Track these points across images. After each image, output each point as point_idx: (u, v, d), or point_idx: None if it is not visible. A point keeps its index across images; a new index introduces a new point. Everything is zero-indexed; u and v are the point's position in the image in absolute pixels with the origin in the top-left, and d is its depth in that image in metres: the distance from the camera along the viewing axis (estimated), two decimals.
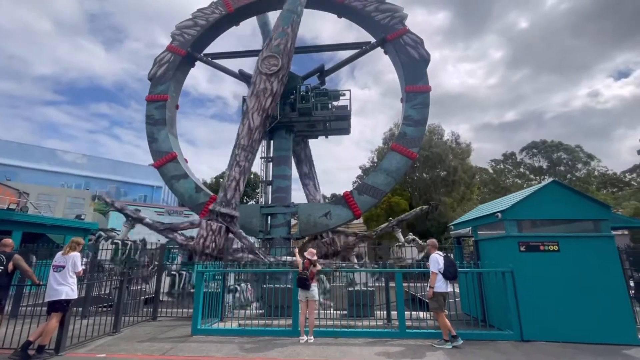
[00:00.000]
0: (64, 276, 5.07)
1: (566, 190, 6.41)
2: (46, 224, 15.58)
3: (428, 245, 6.49)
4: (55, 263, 5.18)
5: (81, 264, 5.35)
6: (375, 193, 11.82)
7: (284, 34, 12.14)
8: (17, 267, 5.13)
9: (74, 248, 5.31)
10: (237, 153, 11.18)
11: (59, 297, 4.98)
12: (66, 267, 5.12)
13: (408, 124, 12.18)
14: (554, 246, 6.05)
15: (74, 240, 5.41)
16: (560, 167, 42.18)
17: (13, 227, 13.64)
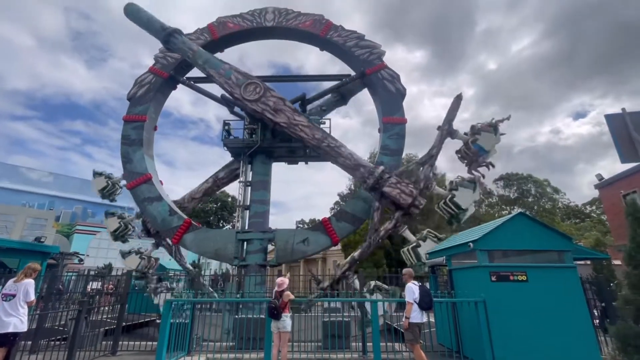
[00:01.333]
0: (13, 306, 4.65)
1: (532, 222, 6.76)
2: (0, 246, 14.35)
3: (404, 274, 6.53)
4: (4, 291, 4.76)
5: (34, 292, 4.94)
6: (354, 220, 11.90)
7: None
8: None
9: (29, 275, 4.91)
10: None
11: (5, 329, 4.52)
12: (17, 296, 4.70)
13: (385, 153, 12.57)
14: (522, 276, 6.27)
15: (30, 267, 5.02)
16: (529, 198, 44.47)
17: None
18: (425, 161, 10.98)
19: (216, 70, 12.48)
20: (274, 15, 15.04)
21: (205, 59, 12.92)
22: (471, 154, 10.52)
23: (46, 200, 41.34)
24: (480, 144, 10.06)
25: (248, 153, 13.91)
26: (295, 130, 11.62)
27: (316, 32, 14.55)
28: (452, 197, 9.79)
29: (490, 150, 10.21)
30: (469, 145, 10.47)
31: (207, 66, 12.68)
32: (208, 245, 12.27)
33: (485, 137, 10.10)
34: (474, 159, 10.58)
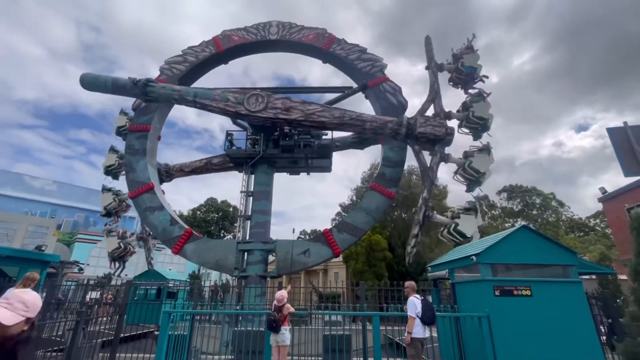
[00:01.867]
0: None
1: (535, 235, 6.68)
2: (0, 254, 14.33)
3: (406, 288, 6.43)
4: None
5: None
6: (355, 231, 11.84)
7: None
8: None
9: (27, 285, 4.89)
10: None
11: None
12: None
13: (387, 164, 12.60)
14: (526, 291, 6.16)
15: (28, 277, 5.00)
16: (533, 211, 44.14)
17: None
18: (433, 97, 11.67)
19: (210, 99, 12.12)
20: (278, 28, 15.35)
21: (193, 93, 12.39)
22: (463, 76, 11.83)
23: (48, 209, 41.44)
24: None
25: (250, 163, 13.98)
26: (314, 119, 11.65)
27: (319, 45, 14.80)
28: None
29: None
30: (459, 69, 11.74)
31: (198, 99, 12.16)
32: (209, 256, 12.21)
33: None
34: (468, 79, 11.95)
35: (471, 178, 10.53)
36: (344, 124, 11.54)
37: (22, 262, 15.28)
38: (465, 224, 10.07)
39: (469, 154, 10.85)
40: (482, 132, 11.23)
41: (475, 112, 11.09)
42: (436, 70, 12.12)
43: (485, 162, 10.49)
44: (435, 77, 11.97)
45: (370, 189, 12.53)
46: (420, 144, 11.04)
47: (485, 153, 10.67)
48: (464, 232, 9.84)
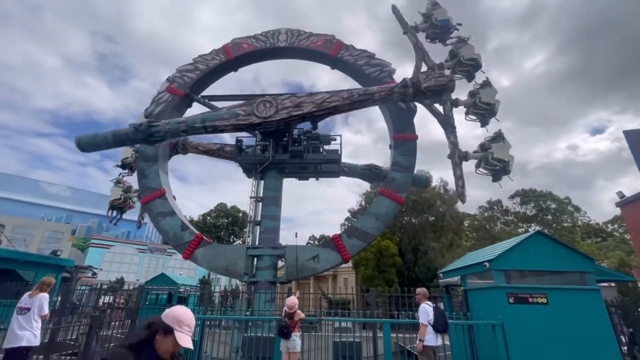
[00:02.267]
0: (28, 320, 4.71)
1: (550, 241, 6.52)
2: (18, 259, 14.70)
3: (418, 294, 6.33)
4: (20, 305, 4.84)
5: (48, 306, 5.00)
6: (365, 237, 11.76)
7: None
8: None
9: (44, 289, 4.99)
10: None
11: (18, 343, 4.56)
12: (32, 310, 4.77)
13: (396, 169, 12.52)
14: (542, 298, 5.99)
15: (44, 281, 5.10)
16: (548, 216, 43.08)
17: None
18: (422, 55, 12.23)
19: (220, 119, 12.03)
20: (287, 36, 15.52)
21: (200, 119, 12.20)
22: (439, 30, 12.44)
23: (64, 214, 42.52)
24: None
25: (260, 169, 14.06)
26: (326, 106, 11.90)
27: (327, 51, 14.90)
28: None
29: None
30: (433, 23, 12.42)
31: (207, 123, 12.01)
32: (218, 261, 12.27)
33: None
34: (444, 31, 12.53)
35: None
36: (355, 101, 11.88)
37: (39, 266, 15.69)
38: (498, 150, 10.56)
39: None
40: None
41: (465, 56, 11.71)
42: (413, 31, 12.72)
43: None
44: (415, 37, 12.54)
45: (380, 194, 12.46)
46: (428, 97, 11.73)
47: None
48: (502, 158, 10.34)
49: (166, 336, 1.89)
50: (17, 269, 14.66)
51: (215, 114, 12.33)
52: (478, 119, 11.79)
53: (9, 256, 14.43)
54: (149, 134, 11.89)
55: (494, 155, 10.57)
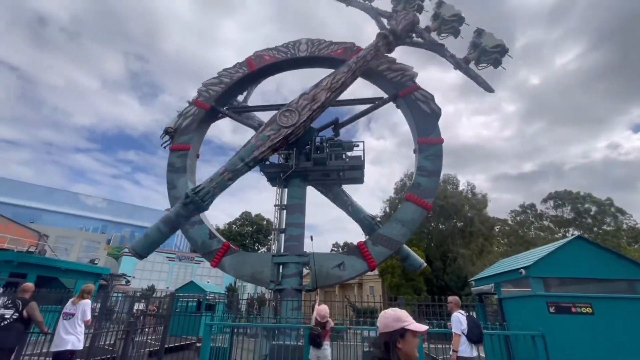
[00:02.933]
0: (72, 325, 4.99)
1: (592, 246, 6.10)
2: (60, 267, 15.68)
3: (450, 302, 6.09)
4: (65, 310, 5.14)
5: (90, 312, 5.27)
6: (390, 244, 11.53)
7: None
8: (30, 315, 5.09)
9: (85, 296, 5.28)
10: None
11: (64, 347, 4.84)
12: (75, 316, 5.06)
13: (422, 174, 12.25)
14: (587, 308, 5.59)
15: (85, 289, 5.39)
16: (587, 219, 40.38)
17: (29, 270, 13.76)
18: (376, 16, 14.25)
19: (255, 149, 11.76)
20: (307, 45, 15.77)
21: (239, 157, 11.79)
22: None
23: (99, 225, 44.92)
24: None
25: (283, 177, 14.23)
26: (336, 86, 12.51)
27: (347, 58, 14.93)
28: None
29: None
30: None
31: (247, 159, 11.70)
32: (245, 269, 12.44)
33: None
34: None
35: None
36: (355, 70, 12.71)
37: (79, 274, 16.64)
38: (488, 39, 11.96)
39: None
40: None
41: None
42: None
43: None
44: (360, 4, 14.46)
45: (405, 199, 12.22)
46: (408, 36, 13.35)
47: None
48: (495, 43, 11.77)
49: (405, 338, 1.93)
50: (60, 276, 15.64)
51: (249, 147, 11.97)
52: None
53: (53, 265, 15.45)
54: (201, 199, 11.18)
55: (488, 46, 11.96)
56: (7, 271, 13.14)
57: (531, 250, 7.81)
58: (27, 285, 5.42)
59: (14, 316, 4.98)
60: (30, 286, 5.44)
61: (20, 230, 24.07)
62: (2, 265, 13.26)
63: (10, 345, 4.98)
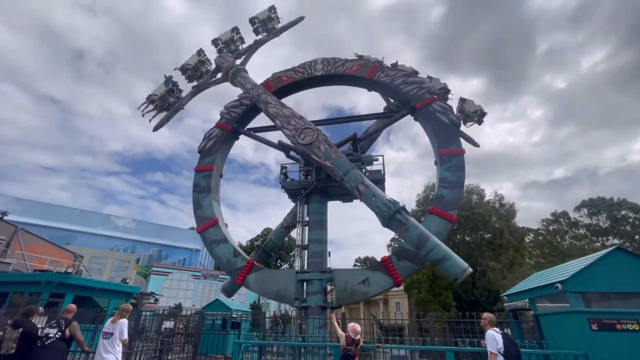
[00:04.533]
0: (111, 344, 5.23)
1: (634, 258, 5.75)
2: (95, 287, 16.36)
3: (484, 319, 5.86)
4: (105, 330, 5.40)
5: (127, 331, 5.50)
6: (416, 258, 11.28)
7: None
8: (72, 335, 5.37)
9: (123, 315, 5.53)
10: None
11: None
12: (114, 335, 5.30)
13: (444, 186, 12.04)
14: (633, 325, 5.24)
15: (123, 308, 5.65)
16: (627, 227, 37.80)
17: (66, 290, 14.44)
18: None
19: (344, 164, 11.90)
20: (323, 65, 16.20)
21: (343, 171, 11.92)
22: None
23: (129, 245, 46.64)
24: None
25: (304, 194, 14.39)
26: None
27: (363, 75, 15.21)
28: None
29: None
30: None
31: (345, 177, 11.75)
32: (269, 286, 12.50)
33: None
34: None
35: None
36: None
37: (112, 293, 17.27)
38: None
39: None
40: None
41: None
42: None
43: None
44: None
45: (429, 212, 12.00)
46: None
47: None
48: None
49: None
50: (94, 296, 16.30)
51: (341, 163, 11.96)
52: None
53: (89, 285, 16.16)
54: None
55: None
56: (47, 292, 13.85)
57: (567, 263, 7.43)
58: (70, 307, 5.74)
59: (57, 335, 5.26)
60: (73, 307, 5.75)
61: (57, 251, 25.41)
62: (44, 286, 14.01)
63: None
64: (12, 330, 5.15)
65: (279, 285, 12.39)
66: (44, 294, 13.68)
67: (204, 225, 14.06)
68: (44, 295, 13.60)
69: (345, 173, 11.85)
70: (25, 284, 14.63)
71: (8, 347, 5.02)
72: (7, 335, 5.12)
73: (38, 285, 14.12)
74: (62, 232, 40.06)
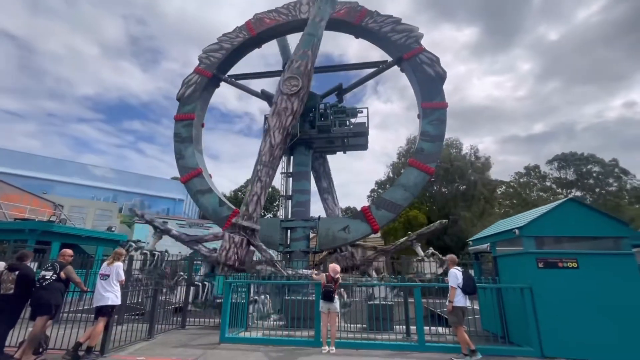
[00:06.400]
0: (109, 284, 5.62)
1: (583, 207, 6.48)
2: (81, 235, 16.61)
3: (447, 260, 6.65)
4: (101, 272, 5.75)
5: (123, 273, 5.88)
6: (393, 208, 12.02)
7: (305, 57, 12.77)
8: (67, 277, 5.69)
9: (117, 259, 5.86)
10: (259, 169, 11.69)
11: (105, 302, 5.51)
12: (111, 276, 5.67)
13: (425, 139, 12.41)
14: (572, 263, 6.09)
15: (117, 252, 5.97)
16: (590, 180, 40.58)
17: (52, 238, 14.64)
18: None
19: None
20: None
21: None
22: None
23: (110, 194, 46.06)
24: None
25: (289, 145, 14.45)
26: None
27: (351, 20, 14.50)
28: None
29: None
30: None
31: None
32: None
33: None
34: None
35: None
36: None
37: (98, 241, 17.62)
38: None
39: None
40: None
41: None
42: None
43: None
44: None
45: (409, 164, 12.51)
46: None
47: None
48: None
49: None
50: (81, 243, 16.61)
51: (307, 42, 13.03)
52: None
53: (75, 232, 16.36)
54: None
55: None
56: (32, 239, 14.01)
57: (526, 212, 8.22)
58: (65, 251, 5.98)
59: (53, 277, 5.58)
60: (68, 252, 6.01)
61: (35, 200, 24.97)
62: (28, 234, 14.10)
63: (55, 301, 5.63)
64: (8, 273, 5.40)
65: (265, 232, 13.03)
66: (30, 242, 13.84)
67: (188, 176, 14.11)
68: (29, 243, 13.77)
69: None
70: (8, 232, 14.67)
71: (7, 288, 5.31)
72: (4, 277, 5.38)
73: (22, 233, 14.21)
74: (38, 182, 38.80)
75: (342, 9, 14.74)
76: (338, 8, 14.79)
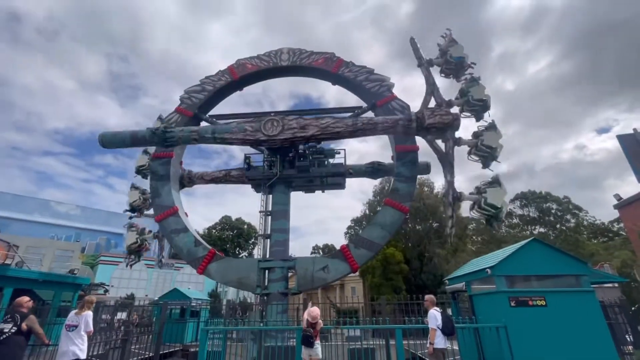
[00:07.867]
0: (76, 336, 5.23)
1: (546, 247, 6.99)
2: (37, 279, 15.26)
3: (426, 301, 6.79)
4: (68, 322, 5.36)
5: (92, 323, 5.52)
6: (372, 246, 12.20)
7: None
8: (30, 328, 5.27)
9: (88, 307, 5.52)
10: None
11: (69, 357, 5.09)
12: (79, 327, 5.30)
13: (400, 180, 13.02)
14: (541, 301, 6.44)
15: (87, 300, 5.64)
16: (550, 217, 43.22)
17: (5, 283, 13.38)
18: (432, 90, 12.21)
19: (229, 132, 12.72)
20: (289, 55, 16.25)
21: (212, 130, 12.92)
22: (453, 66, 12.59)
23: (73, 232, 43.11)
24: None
25: (268, 184, 14.63)
26: (329, 131, 12.36)
27: (328, 69, 15.60)
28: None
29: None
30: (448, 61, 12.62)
31: (217, 135, 12.71)
32: (231, 274, 12.73)
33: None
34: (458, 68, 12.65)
35: (485, 155, 11.38)
36: (358, 129, 12.27)
37: (57, 285, 16.22)
38: (492, 195, 10.59)
39: (478, 134, 11.54)
40: (482, 112, 11.90)
41: (474, 96, 11.80)
42: (427, 65, 12.77)
43: (495, 137, 11.27)
44: (428, 71, 12.60)
45: (385, 204, 12.95)
46: (432, 134, 11.70)
47: (492, 130, 11.43)
48: (494, 204, 10.35)
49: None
50: (36, 288, 15.20)
51: (226, 127, 13.00)
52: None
53: (29, 277, 15.02)
54: (164, 138, 12.72)
55: (487, 200, 10.59)
56: None
57: (497, 251, 8.69)
58: (23, 299, 5.56)
59: (12, 330, 5.14)
60: (26, 300, 5.58)
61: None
62: None
63: (11, 358, 5.15)
64: None
65: (242, 274, 12.66)
66: None
67: (164, 214, 13.74)
68: None
69: None
70: None
71: None
72: None
73: None
74: None
75: (320, 58, 15.89)
76: (316, 57, 15.93)
